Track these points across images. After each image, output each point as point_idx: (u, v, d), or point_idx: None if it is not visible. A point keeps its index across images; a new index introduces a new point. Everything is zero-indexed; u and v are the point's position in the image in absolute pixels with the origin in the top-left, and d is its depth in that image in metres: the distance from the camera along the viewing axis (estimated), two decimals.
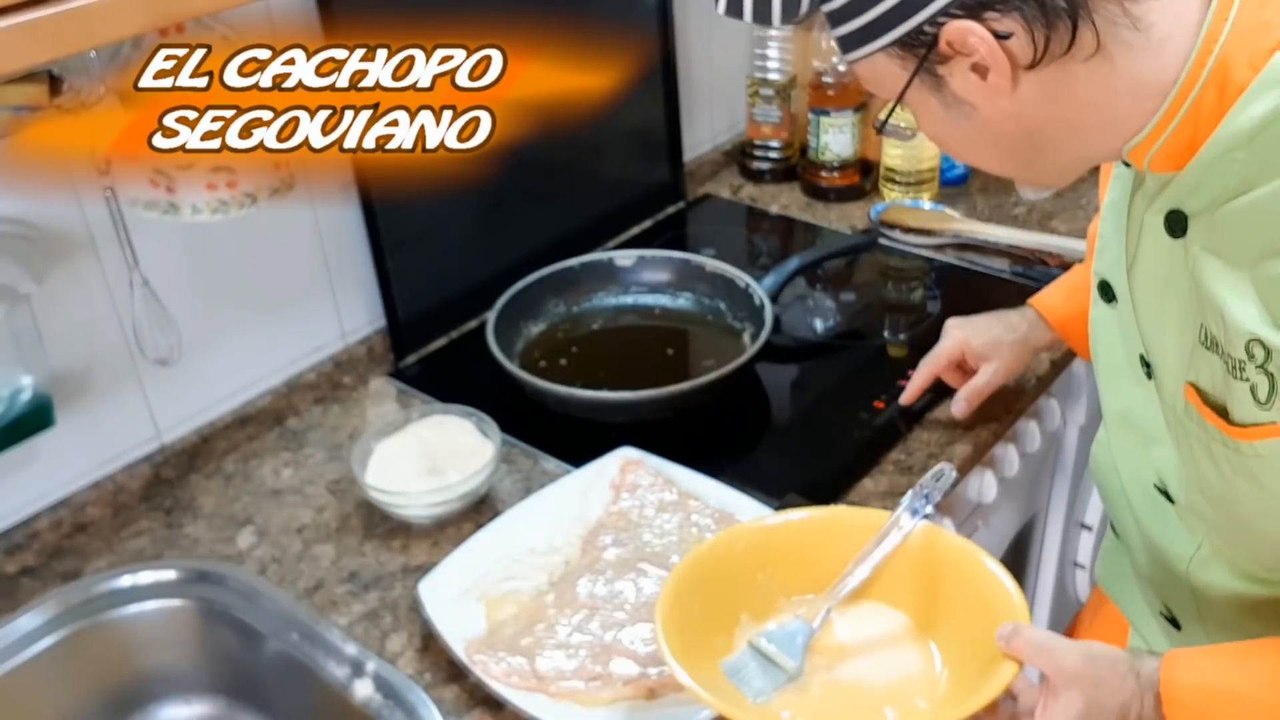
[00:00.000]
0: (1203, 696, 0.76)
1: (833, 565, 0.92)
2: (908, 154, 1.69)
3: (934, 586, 0.91)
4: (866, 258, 1.63)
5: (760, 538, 0.96)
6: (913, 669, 0.89)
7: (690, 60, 1.74)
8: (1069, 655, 0.78)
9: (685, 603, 0.89)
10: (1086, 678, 0.78)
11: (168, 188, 1.04)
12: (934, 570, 0.91)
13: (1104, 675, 0.78)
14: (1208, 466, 0.80)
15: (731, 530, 0.98)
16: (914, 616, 0.92)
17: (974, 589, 0.88)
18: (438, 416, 1.24)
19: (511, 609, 1.03)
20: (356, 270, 1.39)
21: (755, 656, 0.88)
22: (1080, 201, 1.69)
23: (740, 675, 0.87)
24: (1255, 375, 0.71)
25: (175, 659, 1.11)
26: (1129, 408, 0.91)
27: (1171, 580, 0.92)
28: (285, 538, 1.18)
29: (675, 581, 0.91)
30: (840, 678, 0.88)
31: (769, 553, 0.95)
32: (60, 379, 1.13)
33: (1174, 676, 0.77)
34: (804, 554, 0.95)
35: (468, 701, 0.98)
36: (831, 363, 1.45)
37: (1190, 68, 0.70)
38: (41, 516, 1.16)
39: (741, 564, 0.94)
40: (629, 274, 1.52)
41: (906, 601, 0.92)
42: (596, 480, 1.17)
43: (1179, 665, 0.78)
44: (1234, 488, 0.78)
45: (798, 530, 0.96)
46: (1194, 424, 0.79)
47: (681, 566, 0.93)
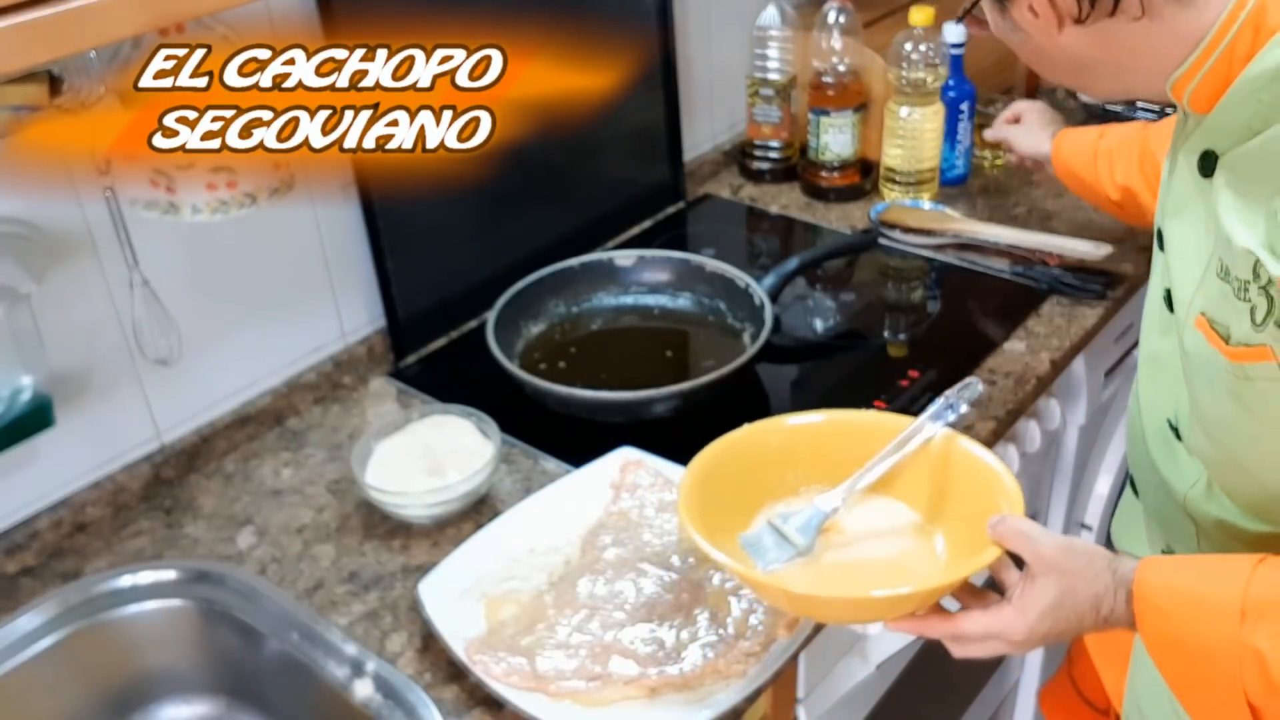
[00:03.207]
0: (1170, 595, 0.78)
1: (857, 461, 0.98)
2: (908, 154, 1.69)
3: (946, 488, 0.97)
4: (866, 258, 1.63)
5: (793, 433, 1.02)
6: (914, 555, 0.96)
7: (690, 60, 1.74)
8: (1049, 544, 0.82)
9: (713, 479, 0.96)
10: (1064, 567, 0.81)
11: (168, 188, 1.04)
12: (948, 473, 0.97)
13: (1081, 567, 0.82)
14: (1207, 396, 0.83)
15: (768, 422, 1.03)
16: (924, 513, 0.99)
17: (980, 489, 0.93)
18: (438, 416, 1.24)
19: (511, 609, 1.03)
20: (356, 270, 1.39)
21: (771, 533, 0.95)
22: (1080, 202, 1.69)
23: (755, 547, 0.94)
24: (1256, 296, 0.74)
25: (175, 659, 1.11)
26: (1157, 347, 0.94)
27: (1172, 514, 0.95)
28: (285, 538, 1.18)
29: (705, 458, 0.98)
30: (847, 558, 0.95)
31: (799, 446, 1.02)
32: (60, 379, 1.13)
33: (1147, 576, 0.80)
34: (831, 449, 1.01)
35: (468, 701, 0.98)
36: (831, 363, 1.45)
37: (1230, 9, 0.74)
38: (41, 516, 1.16)
39: (772, 455, 1.01)
40: (629, 274, 1.52)
41: (920, 499, 0.99)
42: (596, 480, 1.17)
43: (1153, 567, 0.81)
44: (1227, 416, 0.81)
45: (829, 428, 1.03)
46: (1200, 353, 0.82)
47: (714, 446, 0.99)
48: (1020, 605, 0.83)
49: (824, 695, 1.21)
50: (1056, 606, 0.81)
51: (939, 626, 0.86)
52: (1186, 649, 0.77)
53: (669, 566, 1.06)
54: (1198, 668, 0.77)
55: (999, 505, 0.90)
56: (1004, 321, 1.44)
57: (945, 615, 0.87)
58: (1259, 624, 0.73)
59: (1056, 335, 1.41)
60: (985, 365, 1.36)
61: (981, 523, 0.87)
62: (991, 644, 0.84)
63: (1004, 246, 1.58)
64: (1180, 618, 0.77)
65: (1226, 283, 0.77)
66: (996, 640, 0.84)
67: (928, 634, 0.87)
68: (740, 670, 0.97)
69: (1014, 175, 1.77)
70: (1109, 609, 0.81)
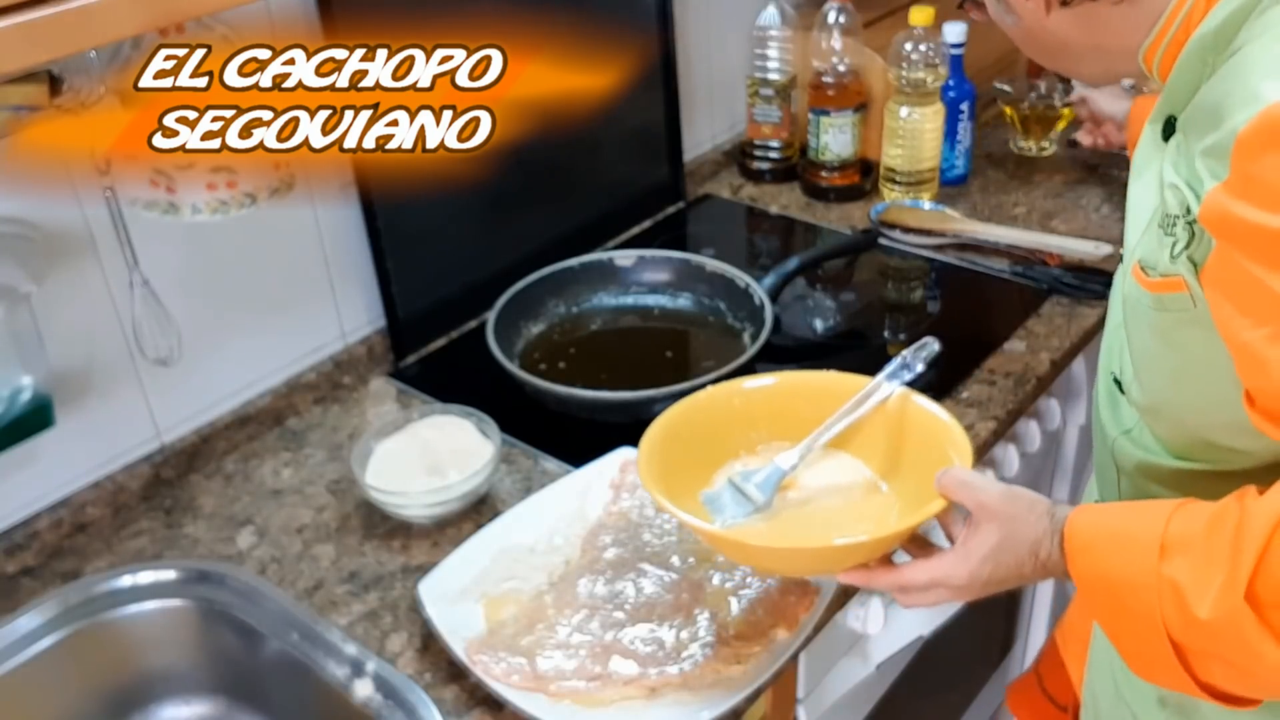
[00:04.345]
0: (1098, 534, 0.81)
1: (815, 420, 1.01)
2: (908, 154, 1.69)
3: (901, 444, 1.00)
4: (866, 258, 1.63)
5: (752, 394, 1.06)
6: (869, 509, 0.99)
7: (690, 60, 1.74)
8: (990, 492, 0.85)
9: (675, 440, 1.00)
10: (1004, 513, 0.84)
11: (168, 188, 1.04)
12: (903, 430, 1.00)
13: (1020, 512, 0.84)
14: (1137, 338, 0.87)
15: (728, 384, 1.07)
16: (879, 469, 1.02)
17: (933, 444, 0.96)
18: (438, 416, 1.24)
19: (511, 609, 1.04)
20: (356, 270, 1.39)
21: (730, 489, 0.98)
22: (1080, 202, 1.70)
23: (715, 504, 0.97)
24: (1181, 230, 0.78)
25: (175, 659, 1.11)
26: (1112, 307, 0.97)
27: (1105, 463, 0.99)
28: (285, 538, 1.18)
29: (666, 419, 1.01)
30: (804, 513, 0.98)
31: (759, 406, 1.05)
32: (60, 379, 1.13)
33: (1078, 519, 0.82)
34: (791, 408, 1.04)
35: (467, 701, 0.98)
36: (831, 363, 1.43)
37: None
38: (41, 516, 1.16)
39: (733, 416, 1.05)
40: (629, 274, 1.52)
41: (876, 456, 1.02)
42: (596, 480, 1.17)
43: (1084, 511, 0.83)
44: (1151, 352, 0.85)
45: (786, 388, 1.07)
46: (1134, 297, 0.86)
47: (676, 408, 1.03)
48: (963, 552, 0.85)
49: (824, 695, 1.21)
50: (997, 551, 0.84)
51: (885, 578, 0.89)
52: (1111, 584, 0.79)
53: (669, 566, 1.06)
54: (1122, 603, 0.78)
55: (950, 459, 0.92)
56: (1004, 321, 1.44)
57: (891, 566, 0.90)
58: (1176, 557, 0.74)
59: (1056, 335, 1.41)
60: (985, 365, 1.36)
61: (931, 474, 0.89)
62: (935, 592, 0.87)
63: (1004, 246, 1.58)
64: (1106, 554, 0.80)
65: (1163, 229, 0.80)
66: (940, 588, 0.87)
67: (875, 585, 0.90)
68: (740, 670, 0.97)
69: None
70: (1046, 553, 0.83)
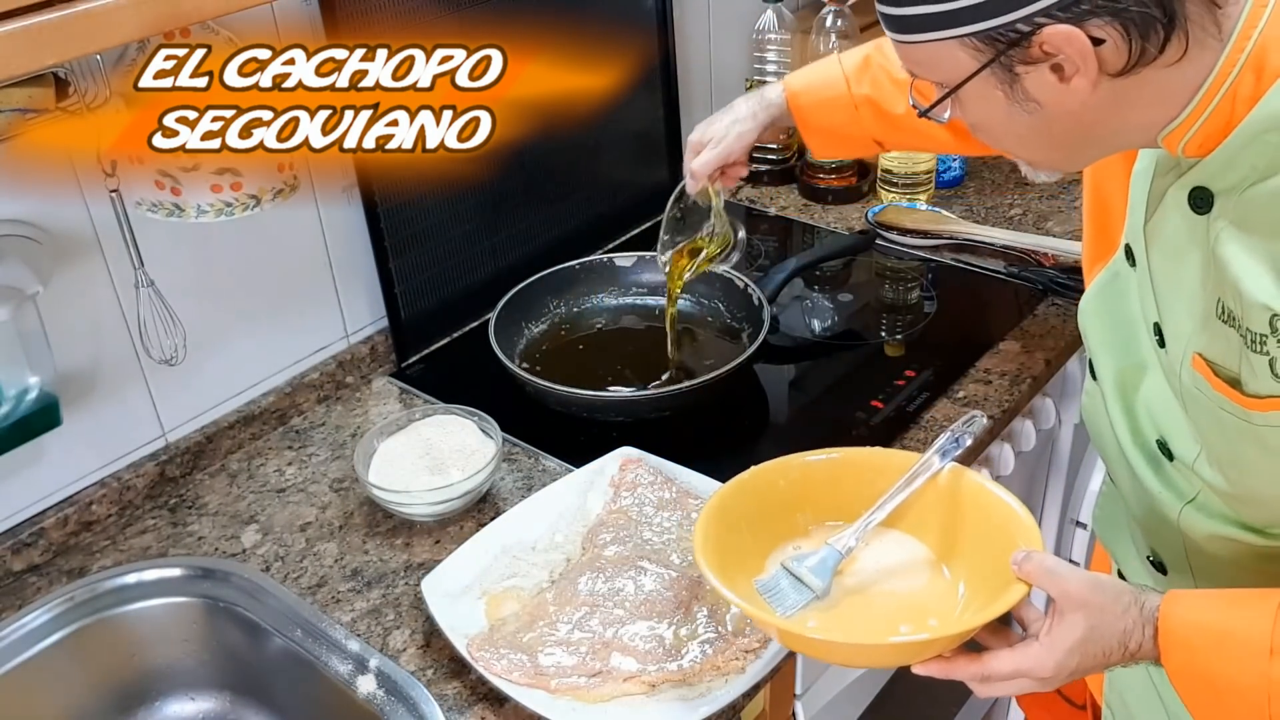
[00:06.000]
0: (1197, 632, 0.78)
1: (866, 499, 0.97)
2: (904, 157, 1.70)
3: (958, 521, 0.96)
4: (863, 259, 1.64)
5: (801, 473, 1.01)
6: (932, 592, 0.95)
7: (690, 60, 1.74)
8: (1075, 581, 0.82)
9: (725, 523, 0.96)
10: (1091, 604, 0.81)
11: (173, 189, 1.05)
12: (959, 507, 0.96)
13: (1108, 603, 0.81)
14: (1214, 433, 0.83)
15: (775, 463, 1.01)
16: (937, 548, 0.98)
17: (995, 524, 0.92)
18: (440, 416, 1.25)
19: (513, 606, 1.04)
20: (359, 271, 1.40)
21: (786, 576, 0.94)
22: (1074, 204, 1.70)
23: (772, 592, 0.93)
24: (1276, 349, 0.73)
25: (180, 655, 1.12)
26: (1135, 367, 0.93)
27: (1161, 527, 0.95)
28: (289, 535, 1.19)
29: (716, 503, 0.97)
30: (865, 598, 0.95)
31: (808, 485, 1.01)
32: (66, 379, 1.14)
33: (1173, 611, 0.79)
34: (840, 487, 1.00)
35: (469, 697, 0.99)
36: (829, 363, 1.46)
37: (1229, 53, 0.72)
38: (48, 514, 1.17)
39: (782, 496, 1.00)
40: (629, 274, 1.53)
41: (931, 534, 0.98)
42: (597, 478, 1.18)
43: (1179, 602, 0.80)
44: (1243, 455, 0.81)
45: (836, 466, 1.02)
46: (1201, 393, 0.81)
47: (724, 490, 0.98)
48: (1048, 643, 0.82)
49: (822, 691, 1.22)
50: (1084, 642, 0.81)
51: (967, 668, 0.85)
52: (1214, 684, 0.77)
53: (668, 564, 1.07)
54: (1225, 703, 0.77)
55: (1014, 539, 0.88)
56: (999, 322, 1.45)
57: (972, 656, 0.85)
58: None
59: (1051, 335, 1.42)
60: (981, 365, 1.37)
61: (998, 557, 0.86)
62: (1019, 682, 0.84)
63: (999, 248, 1.59)
64: (1207, 653, 0.77)
65: (1232, 328, 0.76)
66: (1024, 678, 0.83)
67: (956, 676, 0.85)
68: (739, 666, 0.98)
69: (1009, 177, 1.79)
70: (1136, 644, 0.80)
